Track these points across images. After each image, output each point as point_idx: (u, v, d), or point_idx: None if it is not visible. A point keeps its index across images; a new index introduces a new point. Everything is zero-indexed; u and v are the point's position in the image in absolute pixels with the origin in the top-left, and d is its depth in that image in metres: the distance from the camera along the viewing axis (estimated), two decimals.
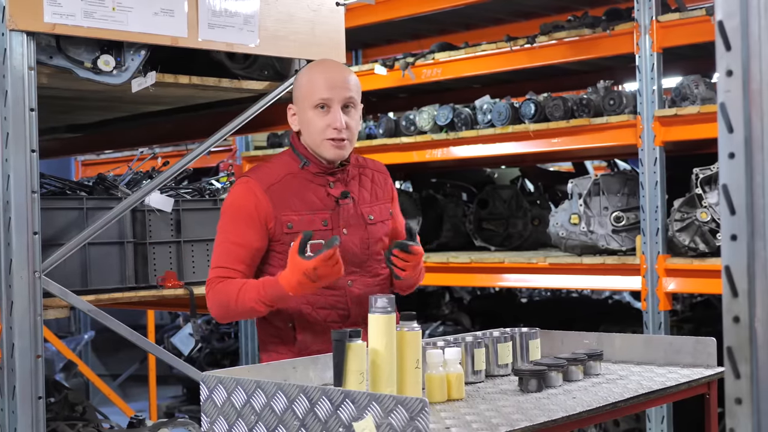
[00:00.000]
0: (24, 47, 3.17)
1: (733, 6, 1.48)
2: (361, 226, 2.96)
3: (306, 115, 2.92)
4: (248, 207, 2.88)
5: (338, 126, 2.87)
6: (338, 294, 2.92)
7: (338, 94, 2.89)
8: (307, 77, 2.95)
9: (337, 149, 2.90)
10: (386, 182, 3.11)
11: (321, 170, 2.95)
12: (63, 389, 4.86)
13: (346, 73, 2.96)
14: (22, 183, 3.18)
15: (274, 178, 2.92)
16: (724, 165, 1.49)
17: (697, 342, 2.93)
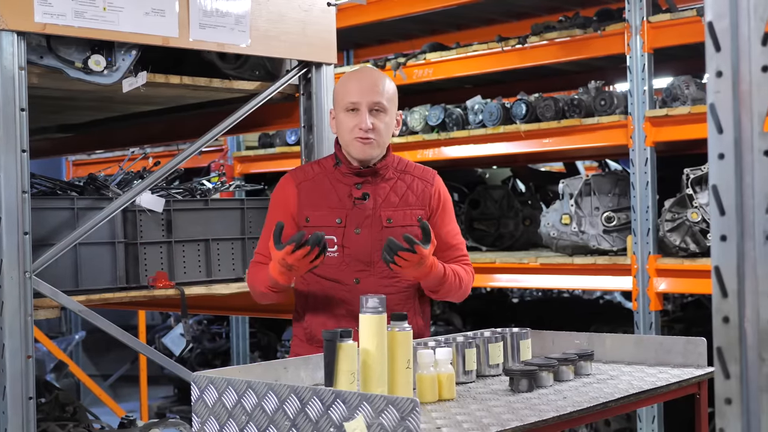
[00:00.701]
0: (14, 47, 3.16)
1: (722, 7, 1.48)
2: (375, 228, 3.08)
3: (339, 117, 3.12)
4: (282, 198, 3.16)
5: (363, 126, 3.05)
6: (345, 289, 3.08)
7: (366, 98, 3.07)
8: (342, 83, 3.16)
9: (365, 147, 3.07)
10: (426, 190, 3.19)
11: (350, 171, 3.13)
12: (54, 390, 4.85)
13: (379, 80, 3.13)
14: (13, 183, 3.18)
15: (308, 175, 3.17)
16: (714, 166, 1.49)
17: (688, 342, 2.93)
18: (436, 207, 3.19)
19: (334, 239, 3.08)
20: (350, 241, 3.08)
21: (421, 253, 2.88)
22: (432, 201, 3.19)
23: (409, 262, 2.89)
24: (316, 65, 3.98)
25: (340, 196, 3.11)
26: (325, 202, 3.11)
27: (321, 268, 3.06)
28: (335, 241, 3.08)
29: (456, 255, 3.19)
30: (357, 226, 3.09)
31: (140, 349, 3.92)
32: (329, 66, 4.01)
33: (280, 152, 6.52)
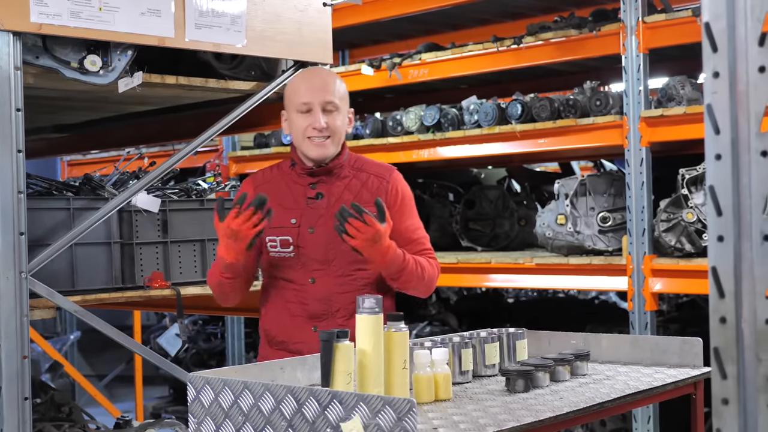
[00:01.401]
0: (10, 47, 3.16)
1: (719, 8, 1.48)
2: (329, 227, 3.04)
3: (291, 118, 3.13)
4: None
5: (317, 126, 3.07)
6: (300, 289, 3.10)
7: (318, 97, 3.09)
8: (292, 84, 3.18)
9: (318, 148, 3.09)
10: (381, 187, 3.16)
11: (304, 171, 3.14)
12: (49, 390, 4.85)
13: (329, 79, 3.16)
14: (9, 183, 3.17)
15: (266, 178, 3.20)
16: (711, 166, 1.49)
17: (684, 342, 2.94)
18: (393, 203, 3.14)
19: (289, 240, 3.09)
20: (305, 240, 3.09)
21: (373, 226, 2.86)
22: (388, 197, 3.14)
23: (361, 233, 2.87)
24: (312, 65, 3.97)
25: (295, 197, 3.13)
26: (281, 203, 3.10)
27: (278, 269, 3.10)
28: (290, 242, 3.10)
29: (418, 249, 3.15)
30: (311, 226, 3.10)
31: (136, 349, 3.92)
32: (325, 66, 4.00)
33: (276, 152, 6.52)
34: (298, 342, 3.08)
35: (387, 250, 2.95)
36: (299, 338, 3.09)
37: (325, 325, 3.06)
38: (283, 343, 3.12)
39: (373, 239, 2.89)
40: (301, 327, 3.10)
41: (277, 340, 3.14)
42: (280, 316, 3.13)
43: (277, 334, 3.14)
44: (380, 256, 2.94)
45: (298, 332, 3.10)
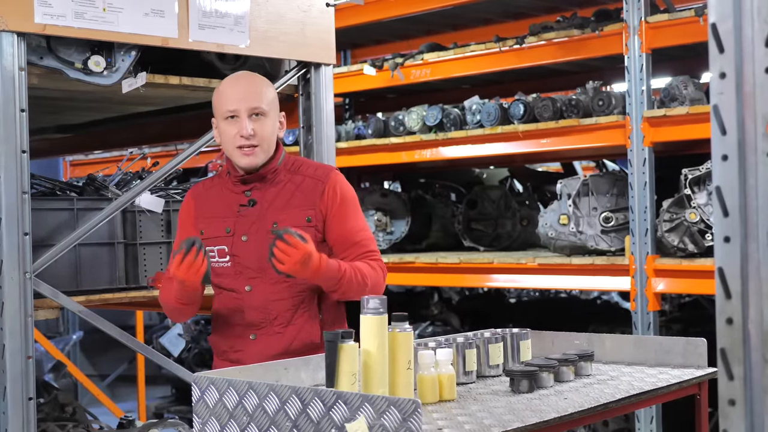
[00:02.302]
0: (14, 48, 3.16)
1: (726, 9, 1.48)
2: (261, 233, 2.99)
3: (220, 127, 3.05)
4: (183, 215, 3.15)
5: (244, 133, 2.98)
6: (238, 298, 3.04)
7: (244, 104, 3.00)
8: (218, 91, 3.08)
9: (248, 156, 3.01)
10: (316, 188, 3.04)
11: (237, 179, 3.07)
12: (52, 390, 4.86)
13: (256, 84, 3.06)
14: (13, 184, 3.17)
15: (206, 187, 3.15)
16: (718, 167, 1.49)
17: (688, 343, 2.94)
18: (331, 204, 3.03)
19: (225, 249, 3.03)
20: (239, 249, 3.02)
21: (300, 248, 2.77)
22: (325, 198, 3.03)
23: (290, 257, 2.77)
24: (315, 66, 3.98)
25: (229, 205, 3.06)
26: (216, 213, 3.06)
27: (218, 278, 3.03)
28: (226, 251, 3.03)
29: (361, 252, 3.04)
30: (244, 234, 3.02)
31: (139, 349, 3.93)
32: (328, 66, 4.01)
33: None
34: (237, 351, 3.03)
35: (318, 268, 2.84)
36: (239, 347, 3.03)
37: (263, 333, 3.00)
38: (225, 353, 3.07)
39: (303, 261, 2.79)
40: (240, 336, 3.04)
41: (221, 350, 3.09)
42: (222, 325, 3.08)
43: (220, 343, 3.09)
44: (312, 274, 2.85)
45: (237, 341, 3.04)
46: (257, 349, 3.00)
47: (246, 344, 3.02)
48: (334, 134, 4.09)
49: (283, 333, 3.01)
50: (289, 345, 3.00)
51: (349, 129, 6.22)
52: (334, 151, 4.07)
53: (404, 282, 6.82)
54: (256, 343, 3.02)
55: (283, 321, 3.01)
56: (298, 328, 3.02)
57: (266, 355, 2.94)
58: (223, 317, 3.07)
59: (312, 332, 3.03)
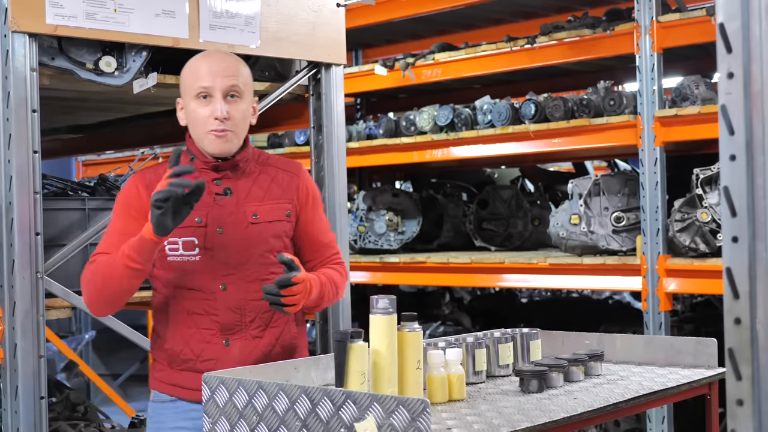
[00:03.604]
0: (26, 49, 3.18)
1: (734, 8, 1.48)
2: (240, 226, 2.76)
3: (189, 107, 2.77)
4: (130, 200, 2.76)
5: (219, 116, 2.71)
6: (209, 297, 2.74)
7: (220, 82, 2.73)
8: (189, 67, 2.81)
9: (221, 142, 2.74)
10: (292, 182, 2.88)
11: (206, 166, 2.79)
12: (64, 389, 4.87)
13: (231, 62, 2.80)
14: (25, 184, 3.19)
15: (159, 175, 2.71)
16: (726, 167, 1.49)
17: (698, 343, 2.93)
18: (304, 201, 2.88)
19: (194, 241, 2.73)
20: (213, 242, 2.73)
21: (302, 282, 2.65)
22: (300, 194, 2.87)
23: (299, 296, 2.64)
24: (325, 66, 3.98)
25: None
26: None
27: (181, 276, 2.74)
28: (196, 243, 2.73)
29: (330, 254, 2.93)
30: (220, 225, 2.75)
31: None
32: (339, 67, 4.02)
33: (289, 152, 6.53)
34: (208, 359, 2.74)
35: (311, 291, 2.71)
36: (210, 354, 2.74)
37: (238, 338, 2.75)
38: (190, 362, 2.75)
39: (306, 292, 2.68)
40: (211, 341, 2.75)
41: (181, 359, 2.76)
42: (185, 331, 2.75)
43: (182, 351, 2.76)
44: (305, 299, 2.70)
45: (208, 348, 2.75)
46: (233, 356, 2.73)
47: (219, 351, 2.75)
48: (345, 134, 4.10)
49: (261, 337, 2.78)
50: (269, 350, 2.79)
51: (360, 129, 6.22)
52: (345, 151, 4.07)
53: (415, 282, 6.83)
54: (231, 350, 2.75)
55: (261, 324, 2.78)
56: (279, 331, 2.82)
57: (243, 362, 2.70)
58: (184, 322, 2.76)
59: (291, 334, 2.86)
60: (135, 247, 2.61)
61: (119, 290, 2.69)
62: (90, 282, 2.70)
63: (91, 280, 2.70)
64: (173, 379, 2.79)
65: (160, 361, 2.84)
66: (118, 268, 2.63)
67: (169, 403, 2.82)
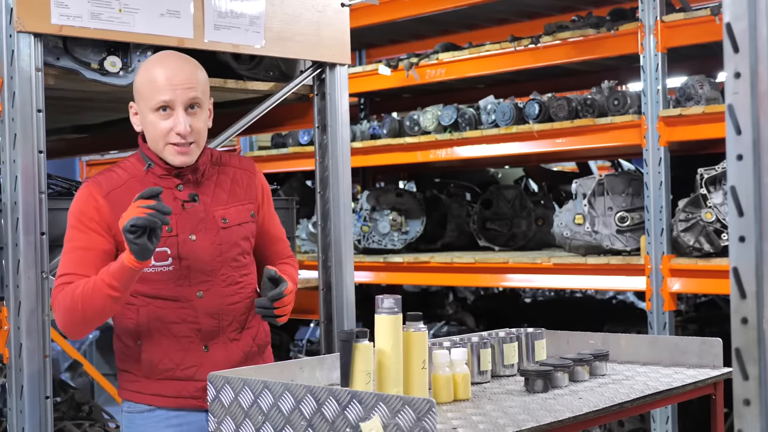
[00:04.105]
0: (31, 49, 3.18)
1: (741, 8, 1.48)
2: (212, 231, 2.74)
3: (147, 117, 2.70)
4: (89, 212, 2.70)
5: (181, 131, 2.66)
6: (186, 306, 2.72)
7: (181, 95, 2.66)
8: (146, 75, 2.71)
9: (182, 155, 2.69)
10: (251, 182, 2.88)
11: (167, 172, 2.74)
12: (69, 389, 4.88)
13: (190, 70, 2.72)
14: (30, 184, 3.19)
15: (115, 183, 2.72)
16: (732, 167, 1.49)
17: (703, 343, 2.93)
18: (262, 199, 2.89)
19: (167, 251, 2.68)
20: (187, 250, 2.70)
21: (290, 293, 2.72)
22: (258, 193, 2.88)
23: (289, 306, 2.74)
24: (330, 66, 3.99)
25: (166, 200, 2.60)
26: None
27: (154, 287, 2.70)
28: (168, 253, 2.69)
29: (285, 249, 2.99)
30: (191, 232, 2.72)
31: None
32: (343, 66, 4.02)
33: (293, 152, 6.54)
34: (190, 366, 2.73)
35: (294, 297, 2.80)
36: (190, 362, 2.73)
37: (217, 342, 2.75)
38: (170, 371, 2.73)
39: (294, 299, 2.77)
40: (191, 349, 2.73)
41: (160, 368, 2.73)
42: (162, 341, 2.72)
43: (161, 362, 2.73)
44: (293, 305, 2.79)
45: (188, 355, 2.73)
46: (214, 361, 2.72)
47: (199, 358, 2.73)
48: (349, 134, 4.10)
49: (239, 339, 2.79)
50: (248, 350, 2.81)
51: (364, 129, 6.23)
52: (349, 151, 4.07)
53: (419, 282, 6.83)
54: (211, 355, 2.74)
55: (238, 326, 2.79)
56: (254, 332, 2.84)
57: (225, 366, 2.69)
58: (161, 332, 2.72)
59: (266, 332, 2.90)
60: (117, 276, 2.54)
61: (100, 316, 2.64)
62: (68, 309, 2.62)
63: (69, 308, 2.61)
64: (151, 389, 2.75)
65: (132, 371, 2.78)
66: (99, 297, 2.57)
67: (148, 413, 2.79)
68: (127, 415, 2.84)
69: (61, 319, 2.66)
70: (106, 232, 2.68)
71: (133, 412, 2.82)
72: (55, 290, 2.67)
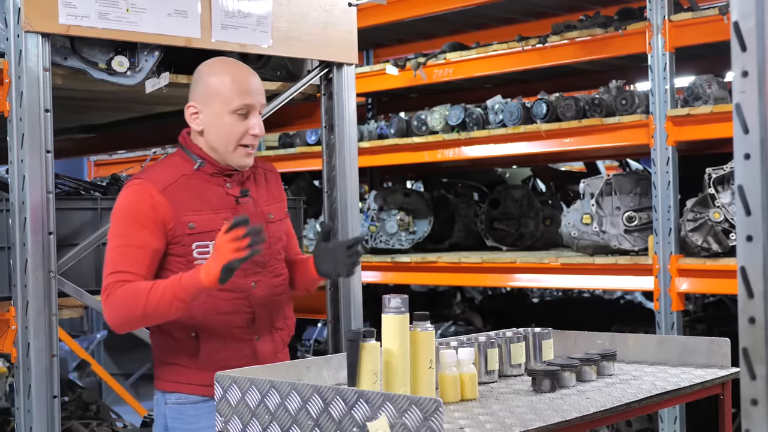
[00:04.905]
0: (39, 48, 3.19)
1: (748, 7, 1.48)
2: (262, 225, 2.79)
3: (221, 119, 2.82)
4: (144, 208, 2.77)
5: (258, 133, 2.83)
6: (242, 297, 2.83)
7: (258, 99, 2.85)
8: (223, 78, 2.84)
9: (249, 157, 2.86)
10: (278, 182, 3.06)
11: (217, 170, 2.86)
12: (77, 388, 4.89)
13: (257, 77, 2.91)
14: (38, 183, 3.20)
15: (169, 180, 2.82)
16: (740, 166, 1.49)
17: (711, 342, 2.92)
18: (284, 199, 3.09)
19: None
20: None
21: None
22: (283, 193, 3.08)
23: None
24: (337, 65, 3.99)
25: (218, 196, 2.83)
26: (205, 205, 2.81)
27: None
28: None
29: (297, 248, 3.14)
30: None
31: None
32: (350, 66, 4.02)
33: (300, 152, 6.54)
34: (245, 356, 2.83)
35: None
36: (246, 351, 2.85)
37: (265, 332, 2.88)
38: (226, 360, 2.79)
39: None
40: (244, 339, 2.85)
41: (216, 359, 2.81)
42: (218, 332, 2.81)
43: (218, 352, 2.82)
44: None
45: (243, 345, 2.85)
46: (264, 351, 2.86)
47: (252, 347, 2.86)
48: (356, 134, 4.10)
49: (283, 329, 2.95)
50: (286, 340, 2.97)
51: (371, 129, 6.22)
52: (356, 151, 4.07)
53: (427, 282, 6.83)
54: (261, 344, 2.87)
55: (281, 316, 2.95)
56: (291, 322, 3.01)
57: (273, 354, 2.86)
58: (215, 321, 2.81)
59: (294, 323, 3.04)
60: (190, 292, 2.65)
61: (159, 321, 2.75)
62: (126, 308, 2.70)
63: (128, 307, 2.70)
64: (206, 380, 2.75)
65: (184, 364, 2.84)
66: (164, 305, 2.66)
67: (201, 403, 2.85)
68: (176, 406, 2.88)
69: (115, 315, 2.73)
70: (159, 230, 2.76)
71: (184, 404, 2.86)
72: (111, 285, 2.72)
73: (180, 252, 2.80)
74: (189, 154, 2.88)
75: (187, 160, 2.88)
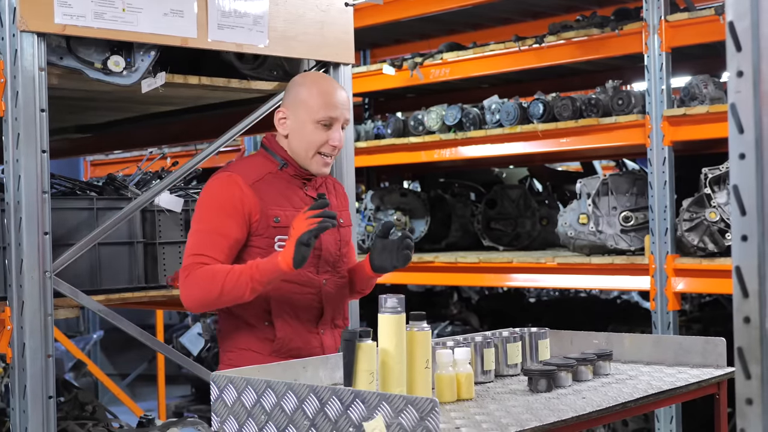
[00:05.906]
0: (35, 48, 3.18)
1: (743, 7, 1.48)
2: (335, 228, 2.98)
3: (305, 126, 2.99)
4: (233, 199, 2.92)
5: (338, 144, 2.99)
6: (314, 292, 3.01)
7: (343, 114, 3.01)
8: (312, 90, 3.02)
9: (326, 166, 3.03)
10: (345, 193, 3.28)
11: (297, 173, 3.04)
12: (73, 389, 4.88)
13: (346, 94, 3.12)
14: (33, 183, 3.19)
15: (257, 175, 2.99)
16: (735, 166, 1.49)
17: (707, 342, 2.93)
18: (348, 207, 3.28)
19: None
20: (319, 242, 2.97)
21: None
22: (347, 203, 3.28)
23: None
24: (333, 65, 3.98)
25: (300, 197, 3.03)
26: (289, 203, 2.99)
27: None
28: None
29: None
30: None
31: (158, 348, 3.94)
32: (347, 66, 4.01)
33: None
34: (314, 346, 3.00)
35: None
36: (315, 343, 3.01)
37: (328, 328, 3.05)
38: (298, 349, 2.96)
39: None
40: (312, 331, 3.02)
41: (290, 347, 2.97)
42: (291, 322, 2.98)
43: (292, 341, 2.98)
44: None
45: (311, 337, 3.01)
46: (327, 344, 3.03)
47: (318, 340, 3.03)
48: (353, 134, 4.10)
49: (341, 326, 3.09)
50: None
51: (368, 128, 6.22)
52: (353, 151, 4.07)
53: (423, 281, 6.83)
54: (326, 338, 3.04)
55: (343, 313, 3.12)
56: (348, 322, 3.18)
57: (333, 349, 3.00)
58: (288, 312, 2.97)
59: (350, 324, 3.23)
60: (267, 275, 2.80)
61: (232, 302, 2.88)
62: (204, 289, 2.85)
63: (205, 288, 2.85)
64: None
65: (256, 350, 2.98)
66: (240, 288, 2.81)
67: None
68: None
69: (192, 294, 2.88)
70: (243, 221, 2.92)
71: None
72: (191, 266, 2.88)
73: (262, 244, 2.95)
74: (273, 155, 3.05)
75: (270, 160, 3.05)
